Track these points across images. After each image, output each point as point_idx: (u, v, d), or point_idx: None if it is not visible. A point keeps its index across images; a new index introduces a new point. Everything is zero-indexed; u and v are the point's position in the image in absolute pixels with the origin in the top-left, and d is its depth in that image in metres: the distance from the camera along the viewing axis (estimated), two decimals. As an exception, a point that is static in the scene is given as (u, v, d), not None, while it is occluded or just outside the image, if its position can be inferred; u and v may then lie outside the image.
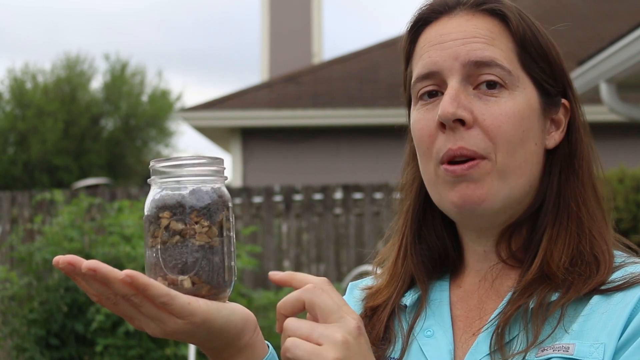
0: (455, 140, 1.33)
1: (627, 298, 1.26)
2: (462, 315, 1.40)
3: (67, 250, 6.92)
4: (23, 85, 25.72)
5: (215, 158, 1.20)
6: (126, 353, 6.53)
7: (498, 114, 1.33)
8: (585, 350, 1.23)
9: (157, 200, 1.18)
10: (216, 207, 1.18)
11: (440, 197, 1.37)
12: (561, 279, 1.31)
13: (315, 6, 15.54)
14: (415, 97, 1.40)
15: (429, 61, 1.37)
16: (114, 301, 1.15)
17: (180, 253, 1.16)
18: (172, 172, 1.18)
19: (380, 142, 12.37)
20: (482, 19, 1.38)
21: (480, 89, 1.35)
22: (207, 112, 13.24)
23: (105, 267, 1.12)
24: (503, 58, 1.35)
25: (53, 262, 1.12)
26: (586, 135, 1.41)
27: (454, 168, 1.33)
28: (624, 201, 6.63)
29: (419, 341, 1.38)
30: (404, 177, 1.50)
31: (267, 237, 9.71)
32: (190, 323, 1.15)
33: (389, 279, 1.47)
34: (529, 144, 1.35)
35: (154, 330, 1.17)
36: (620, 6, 14.52)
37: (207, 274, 1.17)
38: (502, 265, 1.38)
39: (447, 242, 1.45)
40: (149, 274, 1.18)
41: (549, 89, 1.39)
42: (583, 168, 1.39)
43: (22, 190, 11.73)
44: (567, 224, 1.35)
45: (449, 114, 1.32)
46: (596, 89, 7.66)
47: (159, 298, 1.13)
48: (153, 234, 1.17)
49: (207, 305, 1.16)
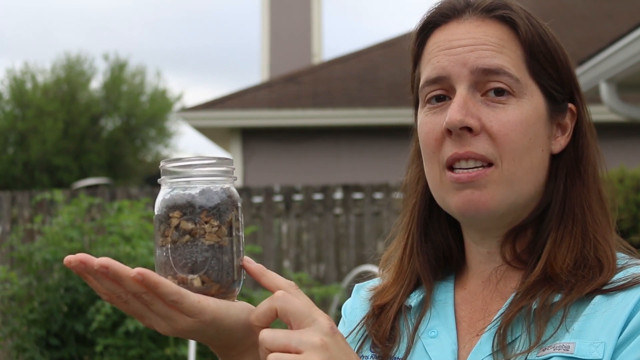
0: (462, 146, 1.34)
1: (628, 297, 1.27)
2: (466, 316, 1.41)
3: (67, 250, 6.92)
4: (23, 85, 25.72)
5: (225, 158, 1.21)
6: (126, 353, 6.53)
7: (505, 121, 1.34)
8: (586, 349, 1.24)
9: (167, 200, 1.19)
10: (226, 207, 1.19)
11: (444, 201, 1.38)
12: (564, 280, 1.31)
13: (315, 6, 15.54)
14: (422, 100, 1.41)
15: (438, 66, 1.38)
16: (124, 299, 1.16)
17: (190, 252, 1.18)
18: (182, 172, 1.19)
19: (380, 142, 12.38)
20: (492, 26, 1.38)
21: (488, 96, 1.36)
22: (207, 112, 13.24)
23: (117, 265, 1.13)
24: (511, 66, 1.36)
25: (64, 261, 1.13)
26: (593, 139, 1.42)
27: (459, 175, 1.34)
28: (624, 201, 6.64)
29: (423, 341, 1.39)
30: (408, 175, 1.51)
31: (267, 237, 9.71)
32: (199, 321, 1.16)
33: (395, 277, 1.48)
34: (535, 151, 1.36)
35: (164, 329, 1.18)
36: (620, 6, 14.52)
37: (216, 273, 1.18)
38: (506, 266, 1.39)
39: (451, 242, 1.46)
40: (159, 272, 1.19)
41: (556, 96, 1.40)
42: (589, 172, 1.40)
43: (22, 190, 11.74)
44: (572, 227, 1.36)
45: (456, 122, 1.33)
46: (596, 89, 7.66)
47: (169, 296, 1.14)
48: (163, 233, 1.18)
49: (217, 304, 1.17)
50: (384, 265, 1.53)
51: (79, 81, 25.98)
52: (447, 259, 1.47)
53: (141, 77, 27.36)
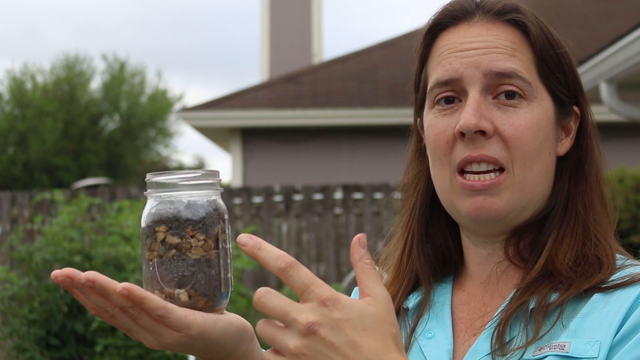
0: (475, 149, 1.34)
1: (625, 297, 1.27)
2: (465, 317, 1.41)
3: (67, 251, 6.92)
4: (22, 85, 25.72)
5: (211, 171, 1.21)
6: (126, 353, 6.54)
7: (518, 125, 1.34)
8: (581, 348, 1.24)
9: (153, 214, 1.19)
10: (212, 219, 1.19)
11: (453, 205, 1.38)
12: (565, 276, 1.32)
13: (315, 6, 15.54)
14: (431, 101, 1.40)
15: (450, 68, 1.37)
16: (111, 314, 1.15)
17: (176, 267, 1.17)
18: (168, 185, 1.19)
19: (380, 142, 12.38)
20: (503, 29, 1.38)
21: (499, 99, 1.36)
22: (207, 112, 13.25)
23: (104, 279, 1.13)
24: (523, 69, 1.36)
25: (51, 276, 1.13)
26: (596, 140, 1.43)
27: (472, 183, 1.34)
28: (624, 201, 6.64)
29: (419, 342, 1.39)
30: (407, 175, 1.51)
31: (267, 237, 9.71)
32: (186, 336, 1.16)
33: (394, 277, 1.48)
34: (544, 155, 1.37)
35: (151, 343, 1.18)
36: (620, 6, 14.52)
37: (203, 287, 1.18)
38: (507, 264, 1.39)
39: (450, 243, 1.46)
40: (146, 287, 1.19)
41: (563, 99, 1.40)
42: (592, 173, 1.40)
43: (22, 190, 11.73)
44: (574, 226, 1.37)
45: (471, 125, 1.32)
46: (596, 89, 7.66)
47: (155, 311, 1.13)
48: (150, 247, 1.18)
49: (204, 317, 1.17)
50: (383, 264, 1.53)
51: (78, 81, 25.97)
52: (446, 260, 1.47)
53: (141, 77, 27.36)
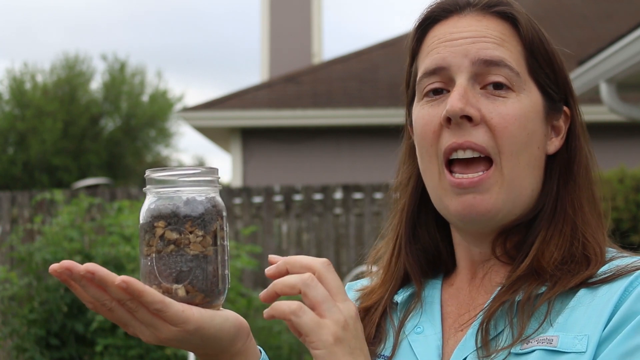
0: (461, 135, 1.34)
1: (612, 290, 1.27)
2: (453, 312, 1.41)
3: (67, 251, 6.92)
4: (22, 85, 25.72)
5: (210, 168, 1.22)
6: (126, 353, 6.54)
7: (505, 113, 1.34)
8: (569, 342, 1.24)
9: (152, 209, 1.20)
10: (210, 216, 1.20)
11: (442, 202, 1.38)
12: (550, 274, 1.32)
13: (315, 6, 15.53)
14: (420, 93, 1.40)
15: (438, 57, 1.37)
16: (109, 307, 1.16)
17: (174, 262, 1.18)
18: (167, 181, 1.20)
19: (380, 142, 12.37)
20: (493, 21, 1.39)
21: (487, 89, 1.36)
22: (207, 112, 13.25)
23: (103, 270, 1.14)
24: (512, 60, 1.36)
25: (50, 270, 1.13)
26: (585, 142, 1.43)
27: (460, 181, 1.34)
28: (624, 201, 6.64)
29: (409, 338, 1.40)
30: (399, 176, 1.51)
31: (267, 237, 9.71)
32: (183, 330, 1.17)
33: (383, 278, 1.49)
34: (532, 148, 1.36)
35: (147, 337, 1.18)
36: (620, 6, 14.52)
37: (200, 283, 1.19)
38: (493, 261, 1.39)
39: (439, 244, 1.46)
40: (144, 281, 1.19)
41: (552, 95, 1.40)
42: (581, 174, 1.40)
43: (22, 190, 11.73)
44: (562, 227, 1.37)
45: (457, 109, 1.32)
46: (596, 89, 7.66)
47: (153, 305, 1.14)
48: (148, 242, 1.19)
49: (201, 313, 1.18)
50: (374, 261, 1.54)
51: (78, 81, 25.97)
52: (437, 260, 1.47)
53: (141, 77, 27.36)
